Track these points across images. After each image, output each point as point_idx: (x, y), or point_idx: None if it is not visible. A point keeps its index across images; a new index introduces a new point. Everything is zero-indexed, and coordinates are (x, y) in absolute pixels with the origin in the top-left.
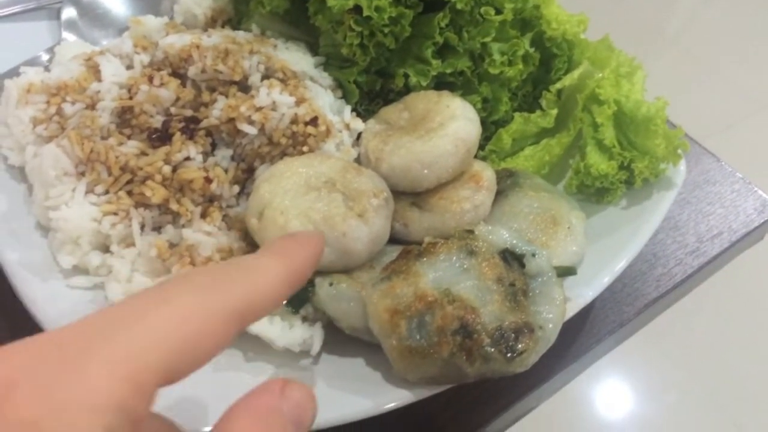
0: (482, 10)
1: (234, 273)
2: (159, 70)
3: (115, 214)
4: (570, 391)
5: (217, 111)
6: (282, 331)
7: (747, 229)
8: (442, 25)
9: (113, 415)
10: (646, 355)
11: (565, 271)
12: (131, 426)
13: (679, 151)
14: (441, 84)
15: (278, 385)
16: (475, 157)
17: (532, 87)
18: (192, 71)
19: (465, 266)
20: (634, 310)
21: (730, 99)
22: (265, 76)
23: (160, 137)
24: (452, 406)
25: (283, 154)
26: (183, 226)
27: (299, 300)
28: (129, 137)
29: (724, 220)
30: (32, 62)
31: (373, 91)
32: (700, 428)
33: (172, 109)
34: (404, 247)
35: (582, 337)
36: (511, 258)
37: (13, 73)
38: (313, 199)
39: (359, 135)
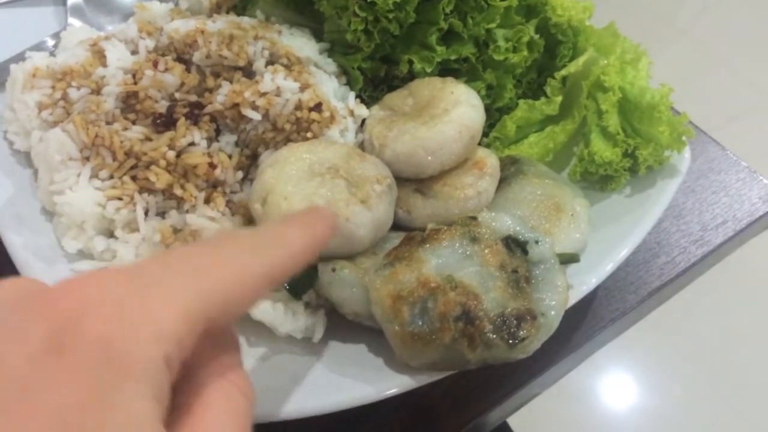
0: None
1: (270, 240)
2: (164, 55)
3: (120, 199)
4: (570, 381)
5: (222, 96)
6: (285, 317)
7: (752, 218)
8: (447, 11)
9: (172, 345)
10: (648, 345)
11: (569, 258)
12: (180, 359)
13: (684, 138)
14: (445, 70)
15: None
16: (479, 144)
17: (537, 74)
18: (197, 56)
19: (468, 253)
20: (637, 298)
21: (736, 90)
22: (270, 62)
23: (165, 122)
24: (452, 394)
25: (287, 140)
26: (187, 211)
27: (302, 286)
28: (134, 122)
29: (729, 209)
30: (38, 47)
31: (377, 77)
32: (702, 419)
33: (177, 95)
34: (407, 233)
35: (584, 325)
36: (514, 245)
37: (19, 58)
38: (317, 185)
39: (363, 121)
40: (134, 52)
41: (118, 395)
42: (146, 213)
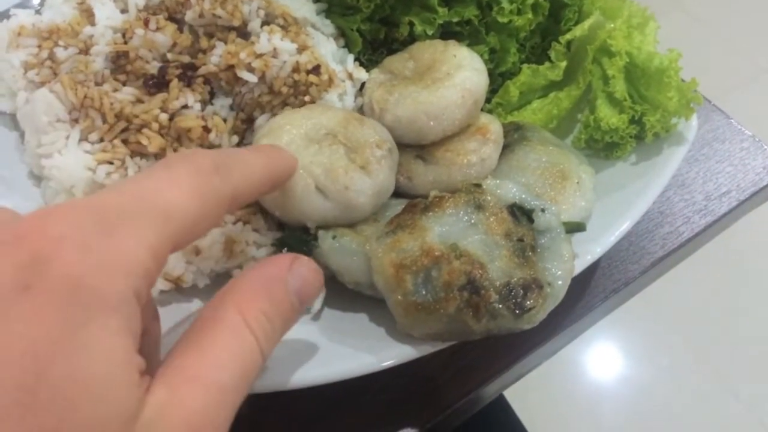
0: None
1: (229, 161)
2: (155, 14)
3: (111, 162)
4: (565, 353)
5: (216, 57)
6: None
7: (756, 188)
8: None
9: (140, 279)
10: (636, 316)
11: (574, 227)
12: (148, 290)
13: (692, 104)
14: (447, 33)
15: (288, 259)
16: (481, 110)
17: (541, 38)
18: (189, 16)
19: (472, 221)
20: (639, 268)
21: (734, 60)
22: (265, 22)
23: (157, 84)
24: (453, 364)
25: (284, 104)
26: None
27: (302, 254)
28: (124, 83)
29: (733, 179)
30: (23, 5)
31: (376, 40)
32: (689, 389)
33: (169, 55)
34: (410, 200)
35: (587, 295)
36: (520, 213)
37: (3, 16)
38: (314, 153)
39: (362, 85)
40: (124, 11)
41: (87, 330)
42: None
